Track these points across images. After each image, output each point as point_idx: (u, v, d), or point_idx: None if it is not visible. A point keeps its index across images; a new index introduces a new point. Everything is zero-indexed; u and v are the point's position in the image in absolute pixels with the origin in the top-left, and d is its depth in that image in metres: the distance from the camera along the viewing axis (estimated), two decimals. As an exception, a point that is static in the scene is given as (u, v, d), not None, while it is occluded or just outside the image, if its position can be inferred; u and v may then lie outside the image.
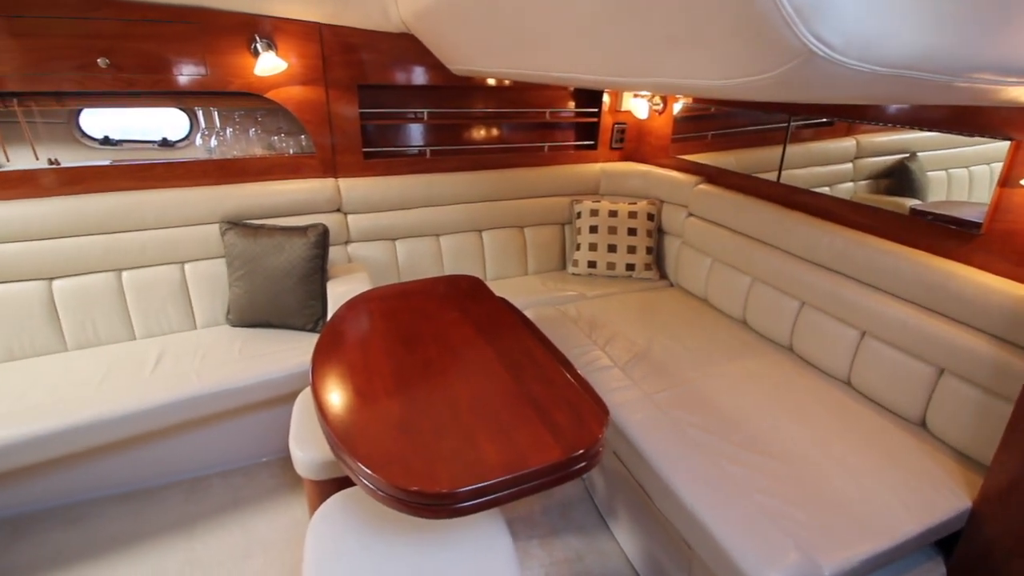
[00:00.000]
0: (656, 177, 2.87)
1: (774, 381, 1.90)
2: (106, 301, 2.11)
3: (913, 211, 1.84)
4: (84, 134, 2.30)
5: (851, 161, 2.11)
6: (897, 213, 1.87)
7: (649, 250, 2.77)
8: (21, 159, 2.14)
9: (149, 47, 2.05)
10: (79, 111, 2.25)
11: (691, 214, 2.66)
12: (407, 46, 2.45)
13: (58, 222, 2.03)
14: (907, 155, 1.93)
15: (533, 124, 3.03)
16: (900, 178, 1.95)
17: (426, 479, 1.04)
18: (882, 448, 1.58)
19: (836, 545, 1.26)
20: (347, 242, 2.57)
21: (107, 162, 2.22)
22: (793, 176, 2.25)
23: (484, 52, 1.78)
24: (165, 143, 2.43)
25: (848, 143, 2.12)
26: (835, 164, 2.15)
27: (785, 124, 2.24)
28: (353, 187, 2.51)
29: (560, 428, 1.19)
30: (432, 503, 1.03)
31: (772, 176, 2.33)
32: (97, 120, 2.32)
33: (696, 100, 2.73)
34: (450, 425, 1.21)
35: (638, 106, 2.96)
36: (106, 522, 1.86)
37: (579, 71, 1.37)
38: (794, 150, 2.25)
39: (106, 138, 2.34)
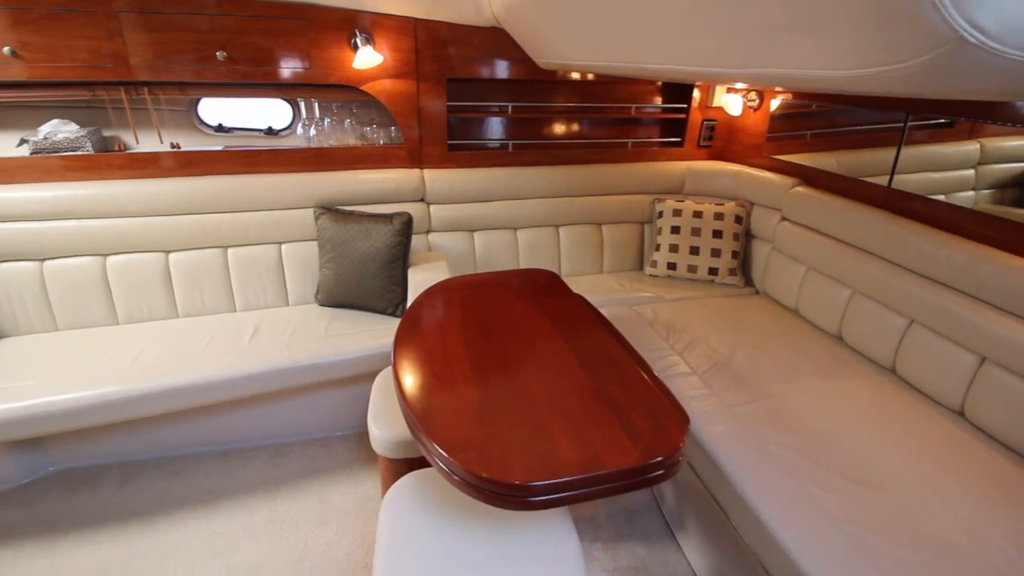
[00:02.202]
0: (747, 177, 2.72)
1: (873, 404, 1.75)
2: (213, 275, 2.31)
3: (1051, 225, 1.63)
4: (202, 121, 2.51)
5: (973, 167, 1.90)
6: (1032, 227, 1.65)
7: (735, 254, 2.63)
8: (148, 142, 2.38)
9: (261, 41, 2.20)
10: (198, 100, 2.47)
11: (785, 218, 2.50)
12: (495, 40, 2.47)
13: (177, 200, 2.23)
14: (1043, 163, 1.71)
15: (617, 120, 2.97)
16: (1032, 188, 1.73)
17: (500, 468, 1.04)
18: (999, 489, 1.41)
19: (940, 590, 1.14)
20: (428, 231, 2.64)
21: (220, 147, 2.42)
22: (904, 182, 2.05)
23: (576, 44, 1.76)
24: (270, 131, 2.61)
25: (971, 147, 1.90)
26: (953, 170, 1.94)
27: (901, 124, 2.05)
28: (437, 178, 2.57)
29: (638, 432, 1.15)
30: (505, 493, 1.03)
31: (879, 181, 2.13)
32: (213, 108, 2.53)
33: (796, 96, 2.55)
34: (525, 417, 1.21)
35: (731, 102, 2.82)
36: (203, 476, 2.04)
37: (677, 62, 1.31)
38: (906, 153, 2.05)
39: (220, 125, 2.55)
